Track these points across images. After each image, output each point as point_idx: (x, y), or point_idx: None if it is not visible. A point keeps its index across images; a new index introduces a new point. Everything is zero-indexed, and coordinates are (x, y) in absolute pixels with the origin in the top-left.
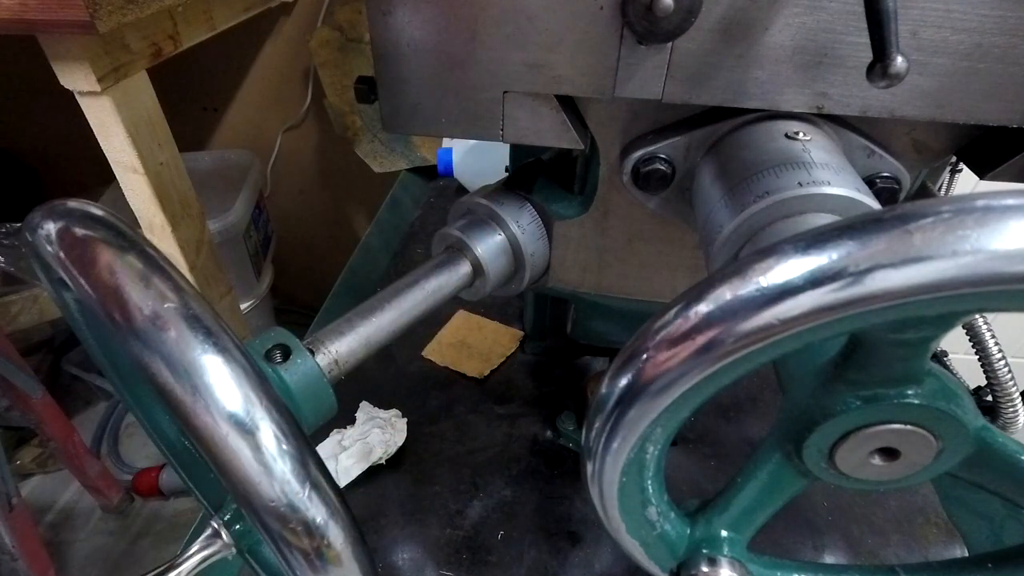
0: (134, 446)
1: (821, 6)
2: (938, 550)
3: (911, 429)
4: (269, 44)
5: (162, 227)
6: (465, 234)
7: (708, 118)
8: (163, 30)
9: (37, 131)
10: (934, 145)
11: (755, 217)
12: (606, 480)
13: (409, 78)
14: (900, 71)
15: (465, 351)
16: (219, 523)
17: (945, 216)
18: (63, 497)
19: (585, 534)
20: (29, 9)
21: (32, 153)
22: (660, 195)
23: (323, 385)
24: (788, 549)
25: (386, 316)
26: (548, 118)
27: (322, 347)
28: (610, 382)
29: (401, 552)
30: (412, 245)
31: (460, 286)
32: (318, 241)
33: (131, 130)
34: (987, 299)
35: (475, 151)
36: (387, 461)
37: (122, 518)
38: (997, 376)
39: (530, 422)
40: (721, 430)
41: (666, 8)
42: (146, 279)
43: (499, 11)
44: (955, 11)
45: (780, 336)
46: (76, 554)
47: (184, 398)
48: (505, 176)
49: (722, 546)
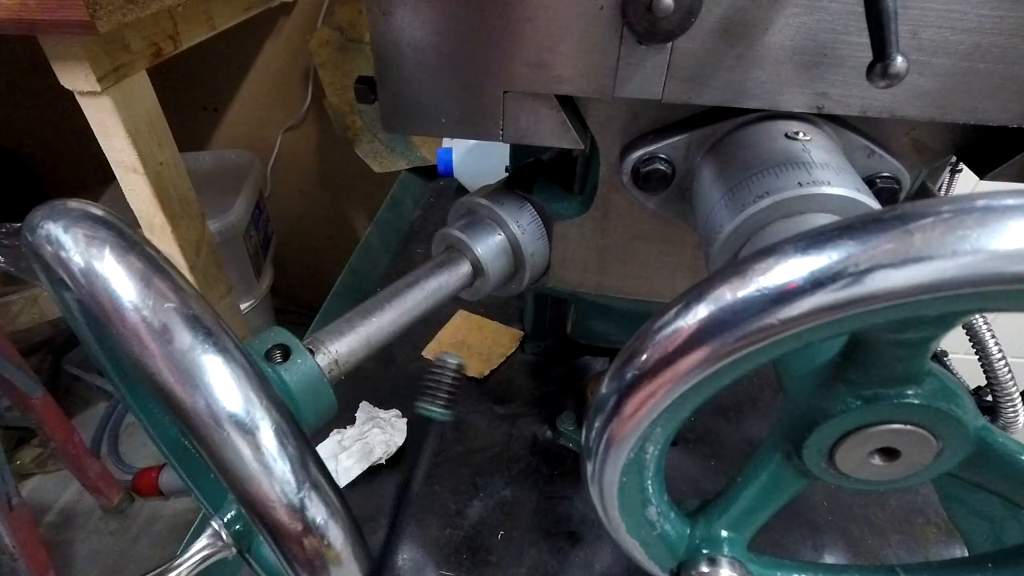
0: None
1: (821, 6)
2: (938, 550)
3: (911, 429)
4: (269, 44)
5: (162, 227)
6: (465, 234)
7: (708, 118)
8: (163, 30)
9: (37, 131)
10: (934, 145)
11: (755, 217)
12: (606, 480)
13: (409, 78)
14: (900, 71)
15: (465, 351)
16: (219, 523)
17: (945, 216)
18: (63, 497)
19: (585, 534)
20: (29, 9)
21: (32, 153)
22: (660, 195)
23: (323, 385)
24: (788, 549)
25: (386, 316)
26: (548, 118)
27: (322, 347)
28: (610, 382)
29: (401, 552)
30: (412, 245)
31: (460, 286)
32: (318, 241)
33: (131, 130)
34: (987, 299)
35: (475, 151)
36: (387, 461)
37: (122, 518)
38: (997, 376)
39: (530, 422)
40: (721, 430)
41: (666, 8)
42: (146, 279)
43: (499, 11)
44: (955, 11)
45: (780, 336)
46: (76, 554)
47: (184, 398)
48: (505, 176)
49: (722, 546)
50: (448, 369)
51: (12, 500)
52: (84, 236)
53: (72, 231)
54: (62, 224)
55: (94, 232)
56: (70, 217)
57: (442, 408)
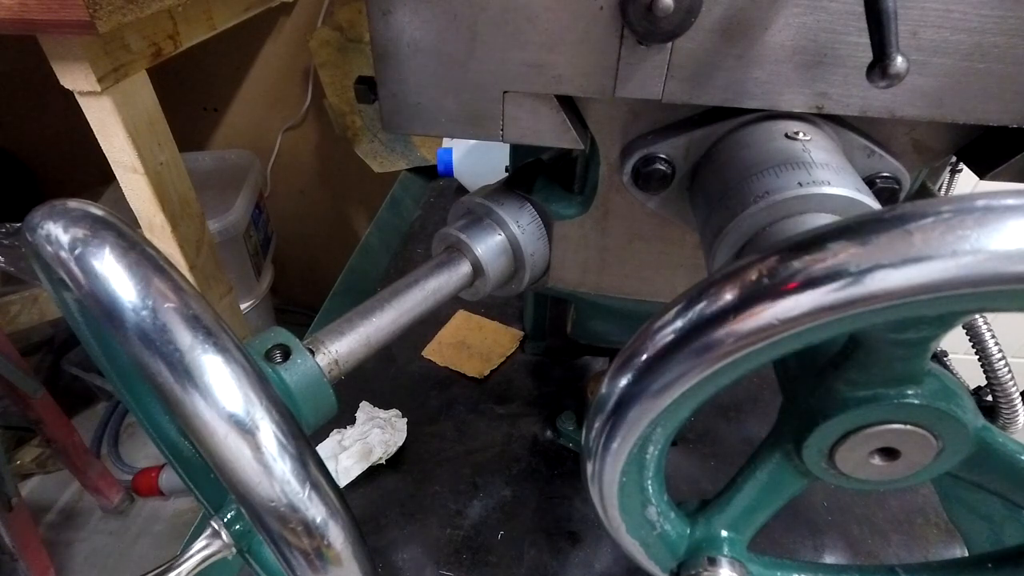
0: (134, 446)
1: (821, 6)
2: (938, 550)
3: (911, 429)
4: (269, 44)
5: (162, 227)
6: (465, 234)
7: (708, 118)
8: (163, 30)
9: (37, 131)
10: (934, 145)
11: (755, 217)
12: (606, 480)
13: (409, 78)
14: (900, 71)
15: (465, 351)
16: (219, 523)
17: (945, 216)
18: (63, 497)
19: (585, 534)
20: (29, 9)
21: (32, 153)
22: (660, 195)
23: (323, 385)
24: (788, 549)
25: (386, 316)
26: (548, 118)
27: (322, 347)
28: (610, 382)
29: (401, 552)
30: (412, 245)
31: (460, 286)
32: (318, 241)
33: (131, 130)
34: (987, 299)
35: (475, 151)
36: (387, 461)
37: (122, 518)
38: (997, 376)
39: (530, 422)
40: (721, 430)
41: (666, 8)
42: (146, 279)
43: (499, 11)
44: (955, 11)
45: (780, 336)
46: (76, 554)
47: (184, 398)
48: (505, 176)
49: (722, 546)
50: None
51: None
52: (84, 236)
53: (72, 231)
54: (62, 224)
55: (94, 232)
56: (70, 217)
57: None
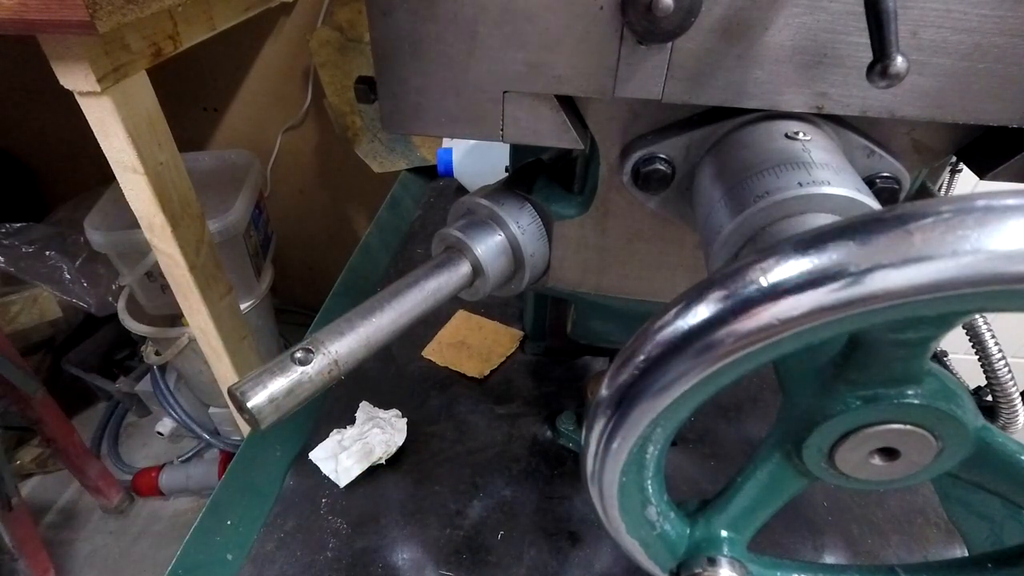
0: (134, 446)
1: (821, 6)
2: (938, 550)
3: (911, 429)
4: (269, 44)
5: (162, 227)
6: (465, 234)
7: (708, 118)
8: (163, 30)
9: (37, 131)
10: (934, 145)
11: (755, 217)
12: (606, 480)
13: (409, 78)
14: (900, 71)
15: (465, 351)
16: None
17: (945, 216)
18: (63, 497)
19: (585, 534)
20: (29, 9)
21: (32, 153)
22: (660, 195)
23: None
24: (788, 549)
25: (386, 316)
26: (548, 118)
27: (322, 347)
28: (610, 382)
29: (401, 552)
30: (412, 245)
31: (460, 286)
32: (318, 241)
33: (131, 130)
34: (987, 299)
35: (475, 151)
36: (387, 461)
37: (122, 518)
38: (997, 376)
39: (530, 422)
40: (721, 430)
41: (666, 8)
42: None
43: (499, 11)
44: (955, 11)
45: (780, 336)
46: (76, 554)
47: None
48: (505, 176)
49: (722, 546)
50: None
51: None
52: None
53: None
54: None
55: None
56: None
57: None
